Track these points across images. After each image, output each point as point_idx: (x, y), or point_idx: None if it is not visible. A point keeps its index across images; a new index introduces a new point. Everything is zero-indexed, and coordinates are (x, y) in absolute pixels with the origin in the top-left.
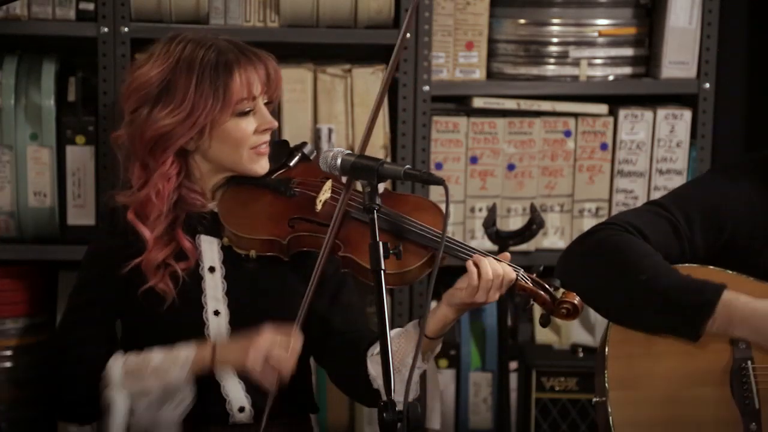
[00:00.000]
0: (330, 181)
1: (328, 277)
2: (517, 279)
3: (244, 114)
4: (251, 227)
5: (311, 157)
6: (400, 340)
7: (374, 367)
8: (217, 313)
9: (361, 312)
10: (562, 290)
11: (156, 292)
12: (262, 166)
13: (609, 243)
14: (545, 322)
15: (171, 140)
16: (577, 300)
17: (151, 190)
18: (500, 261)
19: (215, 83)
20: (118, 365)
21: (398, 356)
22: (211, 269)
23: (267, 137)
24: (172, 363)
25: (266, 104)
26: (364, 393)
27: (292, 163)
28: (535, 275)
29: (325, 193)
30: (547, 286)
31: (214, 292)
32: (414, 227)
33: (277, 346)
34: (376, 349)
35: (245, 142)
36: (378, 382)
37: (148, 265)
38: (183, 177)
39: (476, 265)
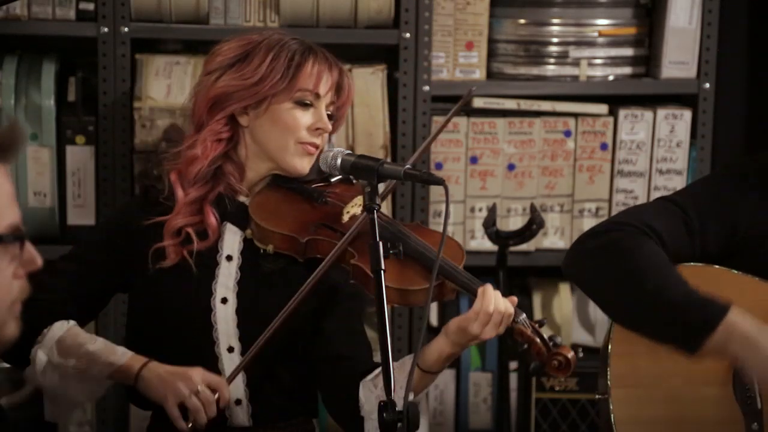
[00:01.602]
0: (362, 197)
1: (342, 298)
2: (517, 322)
3: (303, 105)
4: (274, 222)
5: (354, 182)
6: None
7: (365, 393)
8: (224, 300)
9: (366, 341)
10: (559, 344)
11: (163, 254)
12: (304, 165)
13: (620, 246)
14: (536, 374)
15: (230, 101)
16: (570, 355)
17: (198, 146)
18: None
19: (288, 64)
20: (60, 330)
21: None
22: (229, 257)
23: (318, 139)
24: (101, 357)
25: (328, 116)
26: (349, 417)
27: (333, 180)
28: (536, 325)
29: (354, 207)
30: (544, 337)
31: (226, 279)
32: (426, 250)
33: (206, 390)
34: (371, 375)
35: (295, 131)
36: (365, 408)
37: (168, 227)
38: (230, 148)
39: (481, 294)
